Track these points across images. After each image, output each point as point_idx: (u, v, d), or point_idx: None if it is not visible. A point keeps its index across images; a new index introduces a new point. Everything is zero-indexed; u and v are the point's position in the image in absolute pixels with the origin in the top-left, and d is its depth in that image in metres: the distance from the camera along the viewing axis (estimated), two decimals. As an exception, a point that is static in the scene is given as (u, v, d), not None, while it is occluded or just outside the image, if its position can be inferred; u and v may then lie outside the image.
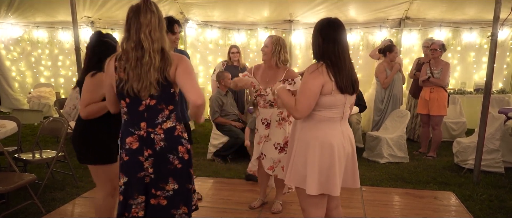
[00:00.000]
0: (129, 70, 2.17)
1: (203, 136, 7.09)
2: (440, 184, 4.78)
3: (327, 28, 2.45)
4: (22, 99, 9.55)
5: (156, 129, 2.23)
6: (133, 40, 2.16)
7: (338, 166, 2.49)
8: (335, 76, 2.39)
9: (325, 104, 2.44)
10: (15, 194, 4.12)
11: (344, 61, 2.44)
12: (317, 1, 7.59)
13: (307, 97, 2.40)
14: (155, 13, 2.18)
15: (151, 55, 2.14)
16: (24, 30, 9.29)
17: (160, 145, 2.24)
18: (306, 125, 2.53)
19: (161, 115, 2.24)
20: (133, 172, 2.29)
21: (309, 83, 2.40)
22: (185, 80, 2.18)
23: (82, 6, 8.12)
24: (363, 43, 8.29)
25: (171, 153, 2.25)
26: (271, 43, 3.53)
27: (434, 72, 5.76)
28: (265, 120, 3.66)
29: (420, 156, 5.97)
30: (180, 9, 8.38)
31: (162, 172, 2.27)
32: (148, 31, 2.14)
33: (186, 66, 2.21)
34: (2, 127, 4.27)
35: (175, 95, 2.27)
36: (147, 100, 2.21)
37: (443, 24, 7.98)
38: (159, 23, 2.19)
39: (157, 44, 2.16)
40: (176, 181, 2.29)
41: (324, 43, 2.42)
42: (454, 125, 6.93)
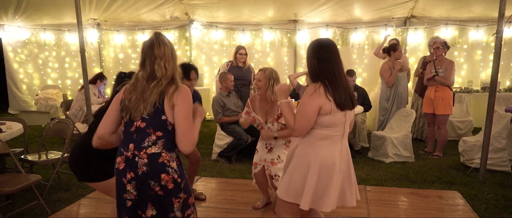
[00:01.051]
0: (133, 97, 2.26)
1: (208, 136, 7.11)
2: (445, 184, 4.75)
3: (321, 50, 2.52)
4: (30, 101, 9.65)
5: (140, 153, 2.21)
6: (146, 71, 2.28)
7: (334, 185, 2.52)
8: (334, 95, 2.46)
9: (325, 124, 2.49)
10: (21, 194, 4.17)
11: (340, 80, 2.50)
12: (321, 0, 7.57)
13: (304, 118, 2.47)
14: (168, 45, 2.30)
15: (160, 82, 2.24)
16: (31, 33, 9.39)
17: (142, 169, 2.20)
18: (307, 142, 2.56)
19: (148, 139, 2.21)
20: (119, 192, 2.31)
21: (306, 104, 2.47)
22: (179, 121, 2.20)
23: (88, 9, 8.18)
24: (368, 42, 8.26)
25: (152, 179, 2.20)
26: (264, 78, 3.64)
27: (438, 71, 5.72)
28: (268, 144, 3.71)
29: (426, 155, 5.93)
30: (185, 10, 8.42)
31: (142, 196, 2.25)
32: (162, 63, 2.26)
33: (186, 106, 2.22)
34: (9, 129, 4.33)
35: (167, 124, 2.22)
36: (138, 122, 2.24)
37: (449, 23, 7.94)
38: (172, 53, 2.31)
39: (171, 72, 2.27)
40: (155, 207, 2.26)
41: (319, 64, 2.49)
42: (461, 124, 6.88)
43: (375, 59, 7.70)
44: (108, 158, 2.70)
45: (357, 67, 8.33)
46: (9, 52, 9.55)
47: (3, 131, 4.17)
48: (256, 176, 3.83)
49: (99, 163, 2.80)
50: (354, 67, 8.02)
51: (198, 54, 9.00)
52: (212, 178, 4.93)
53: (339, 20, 8.21)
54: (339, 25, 8.25)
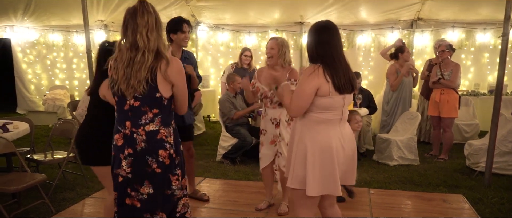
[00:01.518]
0: (120, 69, 2.22)
1: (213, 138, 7.13)
2: (450, 187, 4.72)
3: (320, 31, 2.51)
4: (38, 101, 9.74)
5: (138, 130, 2.25)
6: (128, 41, 2.21)
7: (337, 167, 2.51)
8: (332, 77, 2.43)
9: (323, 106, 2.47)
10: (27, 193, 4.21)
11: (339, 62, 2.48)
12: (327, 3, 7.57)
13: (300, 98, 2.46)
14: (152, 14, 2.22)
15: (145, 54, 2.17)
16: (39, 34, 9.48)
17: (141, 146, 2.25)
18: (305, 127, 2.55)
19: (144, 117, 2.25)
20: (113, 167, 2.36)
21: (303, 85, 2.46)
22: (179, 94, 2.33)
23: (95, 10, 8.25)
24: (374, 44, 8.24)
25: (150, 156, 2.25)
26: (276, 45, 3.59)
27: (444, 74, 5.70)
28: (274, 119, 3.65)
29: (431, 159, 5.90)
30: (191, 12, 8.46)
31: (138, 173, 2.27)
32: (144, 32, 2.17)
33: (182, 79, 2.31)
34: (15, 128, 4.37)
35: (163, 100, 2.26)
36: (131, 101, 2.24)
37: (456, 25, 7.88)
38: (156, 23, 2.23)
39: (153, 44, 2.19)
40: (152, 185, 2.28)
41: (319, 46, 2.48)
42: (467, 127, 6.83)
43: (381, 62, 7.68)
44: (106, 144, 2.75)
45: (363, 69, 8.31)
46: (18, 52, 9.65)
47: (9, 130, 4.22)
48: (264, 171, 3.82)
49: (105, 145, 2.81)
50: (360, 70, 8.00)
51: (204, 56, 9.04)
52: (216, 180, 4.95)
53: (345, 22, 8.19)
54: (345, 28, 8.24)
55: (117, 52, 2.27)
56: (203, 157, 5.97)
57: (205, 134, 7.67)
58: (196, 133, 7.40)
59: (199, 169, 5.33)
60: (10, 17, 8.71)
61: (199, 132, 7.57)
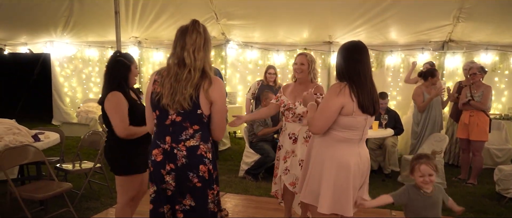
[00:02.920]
0: (167, 84, 2.27)
1: (238, 153, 7.18)
2: (477, 213, 4.57)
3: (352, 50, 2.55)
4: (72, 113, 10.11)
5: (179, 145, 2.29)
6: (177, 57, 2.28)
7: (352, 187, 2.51)
8: (358, 96, 2.45)
9: (345, 125, 2.48)
10: (54, 201, 4.36)
11: (366, 82, 2.50)
12: (356, 23, 7.57)
13: (325, 115, 2.47)
14: (201, 34, 2.28)
15: (191, 72, 2.23)
16: (77, 49, 9.90)
17: (182, 161, 2.29)
18: (324, 143, 2.56)
19: (185, 132, 2.29)
20: (157, 183, 2.38)
21: (329, 102, 2.47)
22: (216, 115, 2.34)
23: (130, 27, 8.55)
24: (403, 65, 8.15)
25: (191, 171, 2.29)
26: (307, 61, 3.62)
27: (474, 96, 5.56)
28: (292, 134, 3.65)
29: (459, 183, 5.73)
30: (222, 30, 8.63)
31: (181, 187, 2.33)
32: (191, 50, 2.24)
33: (222, 101, 2.34)
34: (46, 138, 4.57)
35: (203, 117, 2.30)
36: (173, 116, 2.29)
37: (489, 47, 7.71)
38: (204, 44, 2.29)
39: (200, 63, 2.26)
40: (194, 198, 2.33)
41: (349, 64, 2.51)
42: (499, 152, 6.60)
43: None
44: (139, 153, 2.95)
45: (392, 90, 8.21)
46: (56, 66, 10.09)
47: (40, 140, 4.41)
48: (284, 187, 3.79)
49: (130, 156, 2.97)
50: (388, 90, 7.91)
51: (233, 73, 9.17)
52: (237, 195, 4.98)
53: (374, 42, 8.15)
54: (374, 48, 8.20)
55: (165, 68, 2.34)
56: (226, 172, 6.02)
57: (230, 149, 7.74)
58: (221, 148, 7.49)
59: (221, 184, 5.34)
60: (51, 33, 9.15)
61: (224, 148, 7.65)
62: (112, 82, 3.00)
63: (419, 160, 2.65)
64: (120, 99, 2.95)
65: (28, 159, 4.10)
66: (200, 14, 8.05)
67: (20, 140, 4.18)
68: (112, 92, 2.95)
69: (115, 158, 3.06)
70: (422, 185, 2.67)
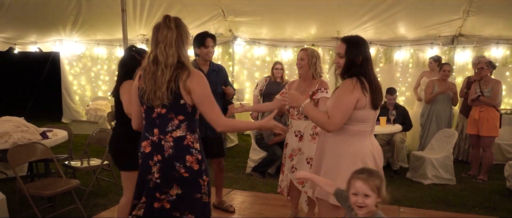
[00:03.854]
0: (147, 81, 2.33)
1: (245, 150, 7.16)
2: (486, 209, 4.51)
3: (363, 45, 2.59)
4: (82, 111, 10.18)
5: (166, 136, 2.33)
6: (152, 54, 2.33)
7: None
8: (371, 91, 2.51)
9: (359, 119, 2.53)
10: (62, 198, 4.40)
11: (375, 76, 2.58)
12: (364, 18, 7.50)
13: (342, 112, 2.49)
14: (173, 29, 2.29)
15: (163, 70, 2.27)
16: (86, 47, 9.98)
17: (169, 152, 2.33)
18: (339, 139, 2.58)
19: (171, 123, 2.33)
20: (142, 174, 2.42)
21: (345, 98, 2.49)
22: (202, 106, 2.33)
23: (138, 25, 8.58)
24: (412, 60, 8.05)
25: (177, 161, 2.32)
26: (306, 56, 3.59)
27: (484, 91, 5.48)
28: (298, 132, 3.63)
29: (469, 179, 5.66)
30: (229, 27, 8.63)
31: (167, 178, 2.35)
32: (163, 47, 2.28)
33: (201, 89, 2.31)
34: (54, 136, 4.60)
35: (187, 107, 2.33)
36: (158, 109, 2.34)
37: (500, 42, 7.58)
38: (177, 38, 2.30)
39: (172, 58, 2.28)
40: (181, 188, 2.35)
41: (364, 60, 2.55)
42: (510, 147, 6.50)
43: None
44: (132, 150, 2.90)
45: (401, 85, 8.12)
46: (66, 65, 10.17)
47: (48, 138, 4.44)
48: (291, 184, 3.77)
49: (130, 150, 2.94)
50: (397, 86, 7.82)
51: (240, 70, 9.16)
52: (244, 191, 4.97)
53: (383, 37, 8.08)
54: (383, 43, 8.13)
55: (146, 65, 2.39)
56: (233, 169, 6.02)
57: (238, 146, 7.74)
58: (229, 145, 7.50)
59: (228, 180, 5.37)
60: (60, 31, 9.22)
61: (232, 144, 7.65)
62: (124, 74, 3.10)
63: (358, 174, 2.10)
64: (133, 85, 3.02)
65: (36, 156, 4.13)
66: (207, 11, 8.07)
67: (29, 137, 4.21)
68: (127, 81, 3.04)
69: (120, 153, 3.08)
70: (353, 206, 2.10)
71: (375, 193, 2.04)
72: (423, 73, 7.17)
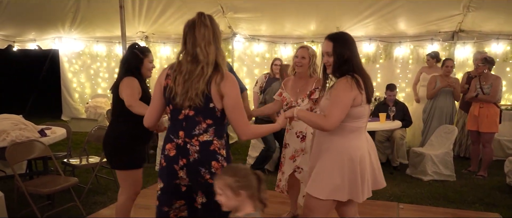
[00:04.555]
0: (180, 80, 2.24)
1: (245, 147, 7.14)
2: (486, 205, 4.50)
3: (353, 43, 2.56)
4: (81, 109, 10.17)
5: (192, 140, 2.25)
6: (189, 54, 2.23)
7: (367, 174, 2.57)
8: (365, 87, 2.51)
9: (356, 115, 2.53)
10: (61, 195, 4.40)
11: (365, 71, 2.58)
12: (364, 14, 7.47)
13: (341, 110, 2.47)
14: (209, 27, 2.21)
15: (204, 68, 2.19)
16: (85, 45, 9.95)
17: (194, 156, 2.25)
18: (336, 137, 2.56)
19: (198, 127, 2.25)
20: (169, 179, 2.33)
21: (343, 96, 2.47)
22: (232, 112, 2.25)
23: (137, 22, 8.55)
24: (413, 56, 8.03)
25: (203, 167, 2.24)
26: (308, 55, 3.51)
27: (483, 87, 5.46)
28: (300, 133, 3.54)
29: (469, 175, 5.65)
30: (228, 24, 8.59)
31: (193, 183, 2.30)
32: (203, 45, 2.19)
33: (234, 94, 2.25)
34: (53, 133, 4.59)
35: (216, 111, 2.25)
36: (186, 110, 2.25)
37: (500, 37, 7.55)
38: (214, 36, 2.23)
39: (212, 57, 2.21)
40: (205, 195, 2.28)
41: (356, 57, 2.54)
42: (510, 143, 6.50)
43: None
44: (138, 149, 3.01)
45: (401, 82, 8.10)
46: (65, 62, 10.15)
47: (47, 135, 4.43)
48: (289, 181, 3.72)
49: (127, 149, 2.99)
50: (397, 82, 7.81)
51: (240, 67, 9.13)
52: (244, 189, 4.95)
53: (383, 33, 8.05)
54: (383, 39, 8.10)
55: (176, 64, 2.29)
56: (233, 166, 6.00)
57: (237, 143, 7.73)
58: (229, 142, 7.48)
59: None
60: (59, 29, 9.19)
61: (232, 141, 7.63)
62: (126, 71, 3.10)
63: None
64: (134, 82, 3.05)
65: (35, 154, 4.12)
66: (206, 8, 8.03)
67: (27, 135, 4.20)
68: (127, 77, 3.05)
69: (120, 151, 3.03)
70: None
71: (225, 191, 2.01)
72: (422, 69, 7.16)
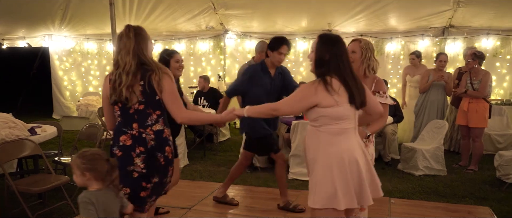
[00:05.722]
0: (115, 84, 2.53)
1: (237, 144, 7.13)
2: (477, 199, 4.54)
3: (333, 43, 2.50)
4: (72, 107, 10.10)
5: (146, 130, 2.56)
6: (114, 59, 2.59)
7: (364, 177, 2.47)
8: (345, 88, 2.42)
9: (335, 116, 2.43)
10: (52, 194, 4.37)
11: (351, 73, 2.47)
12: (356, 10, 7.50)
13: (291, 105, 2.54)
14: (131, 38, 2.49)
15: (121, 75, 2.49)
16: (75, 42, 9.87)
17: (151, 144, 2.56)
18: (325, 142, 2.48)
19: (150, 118, 2.57)
20: (124, 165, 2.54)
21: (300, 95, 2.52)
22: (166, 98, 2.54)
23: (128, 19, 8.48)
24: (404, 52, 8.07)
25: (159, 152, 2.58)
26: (359, 49, 2.97)
27: (474, 83, 5.50)
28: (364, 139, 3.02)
29: (460, 169, 5.69)
30: (220, 20, 8.59)
31: (152, 167, 2.58)
32: (122, 54, 2.51)
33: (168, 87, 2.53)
34: (43, 132, 4.55)
35: (161, 103, 2.57)
36: (135, 105, 2.54)
37: (490, 32, 7.61)
38: (135, 46, 2.49)
39: (128, 65, 2.48)
40: (158, 175, 2.63)
41: (330, 57, 2.45)
42: (500, 138, 6.55)
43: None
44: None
45: (392, 77, 8.15)
46: (55, 60, 10.05)
47: (37, 134, 4.40)
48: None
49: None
50: (389, 78, 7.86)
51: (232, 64, 9.13)
52: (236, 185, 4.93)
53: (374, 29, 8.09)
54: (374, 35, 8.13)
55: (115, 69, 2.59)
56: (225, 163, 6.01)
57: (230, 140, 7.72)
58: (221, 139, 7.48)
59: (220, 174, 5.37)
60: (49, 26, 9.13)
61: (224, 138, 7.63)
62: None
63: None
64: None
65: (25, 153, 4.08)
66: (197, 4, 8.02)
67: (17, 133, 4.17)
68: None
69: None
70: None
71: (75, 170, 2.40)
72: (406, 70, 7.12)
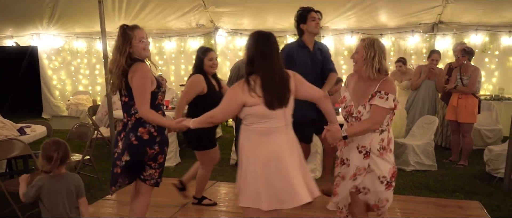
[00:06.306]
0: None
1: (230, 142, 7.14)
2: (467, 193, 4.59)
3: (257, 40, 2.53)
4: (62, 106, 10.01)
5: (131, 118, 2.92)
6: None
7: (291, 179, 2.48)
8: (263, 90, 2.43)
9: (258, 114, 2.46)
10: (42, 195, 4.31)
11: (273, 74, 2.45)
12: (346, 6, 7.54)
13: (223, 108, 2.58)
14: (119, 37, 2.86)
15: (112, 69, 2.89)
16: (64, 41, 9.77)
17: (129, 127, 2.90)
18: (251, 141, 2.52)
19: (133, 108, 2.90)
20: (113, 147, 3.02)
21: (231, 97, 2.54)
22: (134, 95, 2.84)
23: (117, 17, 8.42)
24: (394, 48, 8.12)
25: (132, 132, 2.85)
26: (362, 48, 2.80)
27: (463, 78, 5.55)
28: (363, 148, 2.82)
29: (450, 164, 5.75)
30: (210, 18, 8.56)
31: (123, 146, 2.88)
32: (114, 52, 2.89)
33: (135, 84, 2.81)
34: (32, 131, 4.51)
35: None
36: (123, 98, 2.96)
37: (479, 28, 7.70)
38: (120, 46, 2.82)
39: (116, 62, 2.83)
40: (129, 153, 2.83)
41: (254, 56, 2.48)
42: (489, 133, 6.62)
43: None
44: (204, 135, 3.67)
45: (383, 74, 8.19)
46: (44, 59, 9.95)
47: (26, 134, 4.35)
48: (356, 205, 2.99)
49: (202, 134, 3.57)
50: (379, 74, 7.89)
51: (223, 61, 9.12)
52: (228, 183, 4.96)
53: (364, 26, 8.13)
54: (364, 32, 8.17)
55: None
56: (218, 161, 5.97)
57: (222, 138, 7.72)
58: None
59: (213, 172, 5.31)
60: (37, 25, 9.03)
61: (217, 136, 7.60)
62: (193, 70, 3.78)
63: None
64: (195, 79, 3.64)
65: (14, 153, 4.02)
66: (188, 2, 7.99)
67: (5, 133, 4.13)
68: (193, 75, 3.70)
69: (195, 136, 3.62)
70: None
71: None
72: (393, 76, 7.01)
